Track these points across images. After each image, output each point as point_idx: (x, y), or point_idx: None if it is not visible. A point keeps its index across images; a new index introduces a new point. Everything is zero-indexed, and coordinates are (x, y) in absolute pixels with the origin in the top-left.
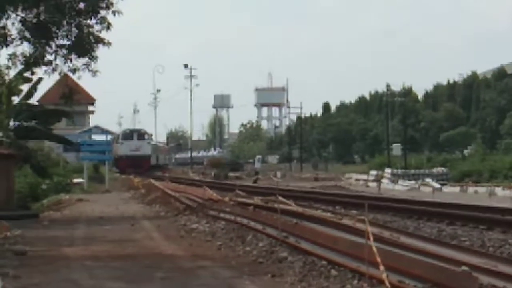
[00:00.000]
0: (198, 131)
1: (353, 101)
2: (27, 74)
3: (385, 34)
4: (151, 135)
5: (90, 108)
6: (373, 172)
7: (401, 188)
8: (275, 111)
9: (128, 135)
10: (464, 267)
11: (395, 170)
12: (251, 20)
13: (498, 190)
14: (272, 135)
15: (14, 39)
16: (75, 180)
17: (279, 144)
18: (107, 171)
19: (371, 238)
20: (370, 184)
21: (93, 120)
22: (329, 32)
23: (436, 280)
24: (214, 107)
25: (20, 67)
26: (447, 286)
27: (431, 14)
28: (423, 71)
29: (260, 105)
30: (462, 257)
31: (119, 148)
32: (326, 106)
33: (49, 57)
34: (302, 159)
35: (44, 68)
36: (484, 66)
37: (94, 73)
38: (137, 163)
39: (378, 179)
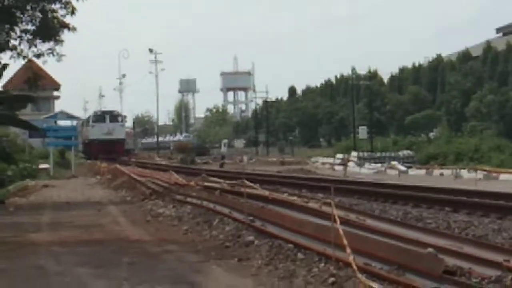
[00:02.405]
0: (164, 116)
1: (319, 85)
2: None
3: (351, 18)
4: (125, 117)
5: (55, 93)
6: (340, 156)
7: (367, 171)
8: (241, 95)
9: (100, 117)
10: (430, 249)
11: (361, 153)
12: (217, 4)
13: (464, 173)
14: (238, 120)
15: None
16: (41, 166)
17: (245, 128)
18: (73, 156)
19: (338, 221)
20: (336, 167)
21: (58, 106)
22: (295, 17)
23: (402, 262)
24: (180, 91)
25: None
26: (414, 268)
27: None
28: (389, 54)
29: (226, 89)
30: (428, 239)
31: (89, 131)
32: (292, 90)
33: (13, 42)
34: (268, 143)
35: (9, 53)
36: (449, 49)
37: (59, 57)
38: (110, 148)
39: (344, 163)
